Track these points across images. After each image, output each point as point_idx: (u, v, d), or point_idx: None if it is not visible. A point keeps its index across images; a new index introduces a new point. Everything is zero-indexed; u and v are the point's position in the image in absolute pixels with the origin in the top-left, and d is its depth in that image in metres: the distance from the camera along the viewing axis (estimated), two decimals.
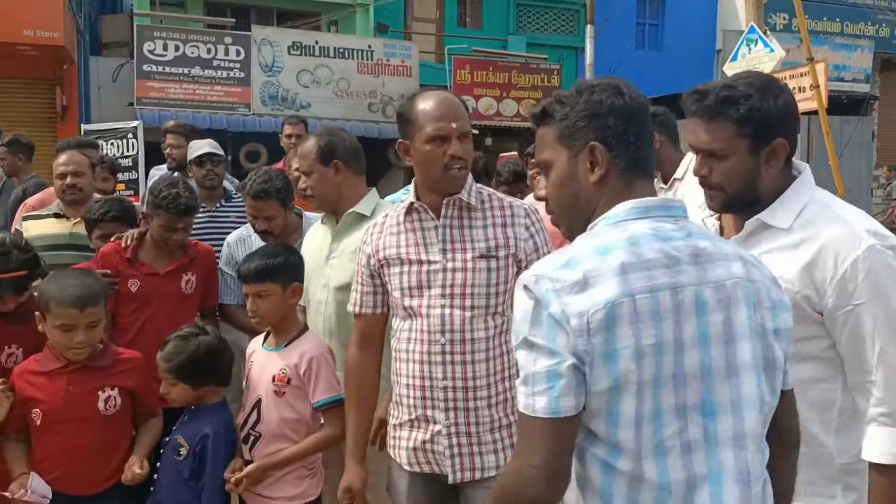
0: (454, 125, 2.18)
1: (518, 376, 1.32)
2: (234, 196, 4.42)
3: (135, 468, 2.53)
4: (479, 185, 2.34)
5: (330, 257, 2.81)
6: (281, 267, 2.60)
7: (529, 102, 13.88)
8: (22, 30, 11.11)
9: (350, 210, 2.83)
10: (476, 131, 12.70)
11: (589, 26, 13.45)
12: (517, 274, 2.20)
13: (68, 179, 3.73)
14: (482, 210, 2.24)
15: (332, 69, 13.04)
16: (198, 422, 2.59)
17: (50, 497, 2.47)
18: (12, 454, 2.55)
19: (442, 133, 2.17)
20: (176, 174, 4.99)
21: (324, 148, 2.84)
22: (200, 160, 4.39)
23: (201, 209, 3.83)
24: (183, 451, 2.53)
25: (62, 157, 3.85)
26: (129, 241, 3.25)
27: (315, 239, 2.97)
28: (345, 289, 2.74)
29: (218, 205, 4.33)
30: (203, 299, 3.41)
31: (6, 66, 11.76)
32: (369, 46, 13.41)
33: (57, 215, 3.78)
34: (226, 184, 4.55)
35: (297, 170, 3.00)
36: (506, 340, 2.22)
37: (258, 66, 12.53)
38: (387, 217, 2.33)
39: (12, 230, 4.07)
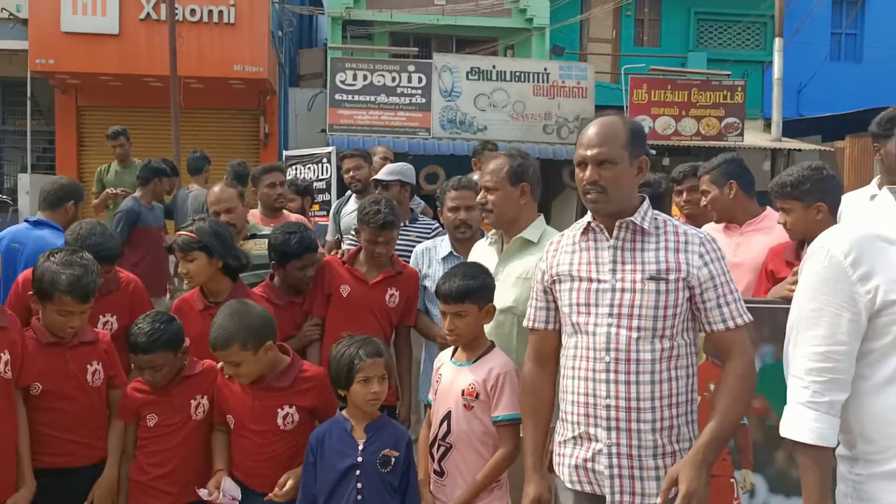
0: (588, 153, 2.25)
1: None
2: (420, 218, 4.71)
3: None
4: (657, 211, 2.34)
5: (495, 279, 2.87)
6: (479, 288, 2.71)
7: (710, 121, 13.40)
8: (233, 65, 12.40)
9: (518, 235, 2.94)
10: (653, 151, 12.45)
11: (777, 39, 12.81)
12: (689, 300, 2.21)
13: (222, 217, 3.80)
14: (655, 235, 2.25)
15: (508, 92, 13.34)
16: (387, 431, 2.69)
17: (239, 498, 2.73)
18: (218, 445, 2.89)
19: (578, 159, 2.28)
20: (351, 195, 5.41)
21: (516, 169, 2.95)
22: (387, 184, 4.71)
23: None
24: (393, 459, 2.63)
25: (215, 193, 3.94)
26: (344, 255, 3.62)
27: (479, 258, 3.07)
28: (505, 312, 2.85)
29: (403, 225, 4.61)
30: (402, 318, 3.61)
31: (218, 99, 13.14)
32: (545, 69, 13.58)
33: None
34: (413, 205, 4.86)
35: (481, 187, 3.05)
36: (675, 366, 2.20)
37: (438, 92, 13.09)
38: (563, 236, 2.42)
39: None
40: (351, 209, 5.29)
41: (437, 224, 4.68)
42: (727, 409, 2.12)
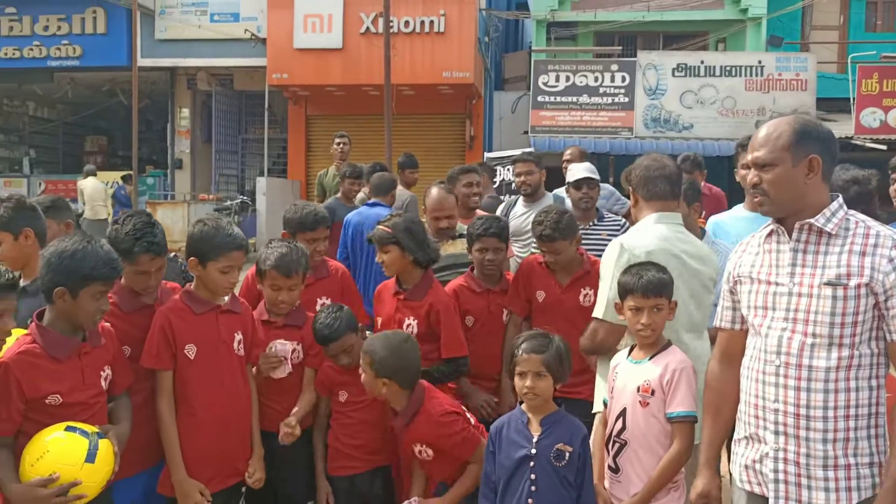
0: (749, 156, 2.24)
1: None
2: (606, 216, 4.77)
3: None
4: (852, 211, 2.22)
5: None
6: (670, 283, 2.72)
7: None
8: (442, 72, 13.07)
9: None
10: (883, 147, 11.33)
11: None
12: (875, 307, 2.10)
13: (442, 223, 4.18)
14: (843, 237, 2.14)
15: (717, 88, 12.79)
16: (563, 426, 2.76)
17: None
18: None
19: (748, 162, 2.27)
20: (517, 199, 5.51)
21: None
22: (578, 183, 4.80)
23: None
24: (567, 454, 2.66)
25: (434, 197, 4.23)
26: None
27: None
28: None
29: (591, 224, 4.69)
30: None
31: (427, 104, 13.90)
32: (759, 61, 12.84)
33: None
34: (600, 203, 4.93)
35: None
36: (856, 376, 2.11)
37: (642, 91, 12.86)
38: (754, 236, 2.38)
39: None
40: (519, 212, 5.38)
41: (625, 221, 4.73)
42: None
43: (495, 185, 9.84)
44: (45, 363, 2.44)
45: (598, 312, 2.95)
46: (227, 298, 3.00)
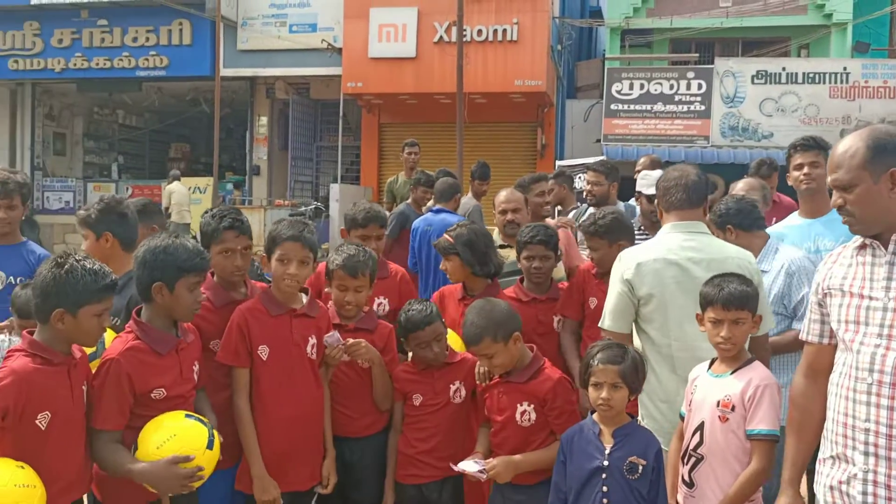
0: (828, 178, 2.20)
1: None
2: None
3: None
4: None
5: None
6: (755, 296, 2.64)
7: None
8: (514, 80, 13.09)
9: None
10: None
11: None
12: None
13: (508, 216, 4.28)
14: None
15: (799, 96, 12.40)
16: (636, 438, 2.73)
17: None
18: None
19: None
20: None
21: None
22: (650, 196, 4.75)
23: (646, 237, 4.19)
24: (640, 467, 2.62)
25: (502, 195, 4.34)
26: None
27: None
28: None
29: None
30: None
31: (498, 113, 13.93)
32: (844, 68, 12.40)
33: (501, 246, 4.24)
34: None
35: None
36: None
37: (719, 98, 12.58)
38: (846, 247, 2.29)
39: None
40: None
41: None
42: None
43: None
44: (149, 358, 2.56)
45: (601, 322, 3.05)
46: (304, 300, 3.06)
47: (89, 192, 16.78)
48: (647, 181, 4.84)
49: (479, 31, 13.21)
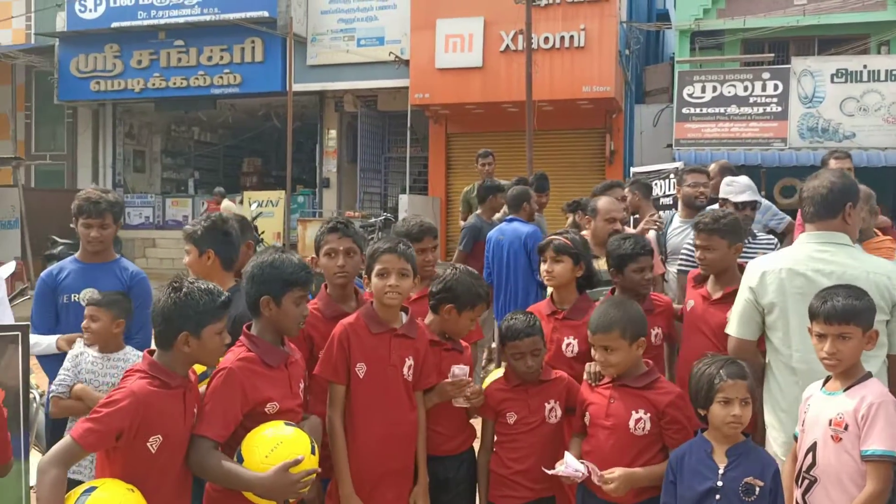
0: None
1: None
2: (759, 235, 4.53)
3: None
4: None
5: None
6: (866, 310, 2.53)
7: None
8: (581, 87, 12.98)
9: None
10: None
11: None
12: None
13: (616, 225, 4.31)
14: None
15: (882, 94, 11.91)
16: (751, 458, 2.63)
17: (582, 473, 2.78)
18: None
19: None
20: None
21: None
22: (742, 205, 4.59)
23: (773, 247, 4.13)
24: (757, 489, 2.53)
25: (607, 203, 4.44)
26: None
27: None
28: None
29: (745, 242, 4.48)
30: None
31: (566, 120, 13.83)
32: None
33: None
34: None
35: None
36: None
37: (797, 99, 12.18)
38: None
39: None
40: (677, 228, 5.14)
41: (776, 239, 4.50)
42: None
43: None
44: (261, 370, 2.57)
45: (727, 328, 3.06)
46: (404, 320, 3.00)
47: (167, 208, 17.40)
48: (734, 188, 4.68)
49: (546, 39, 13.15)
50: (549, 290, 3.59)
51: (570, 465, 2.80)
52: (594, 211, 4.47)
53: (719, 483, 2.55)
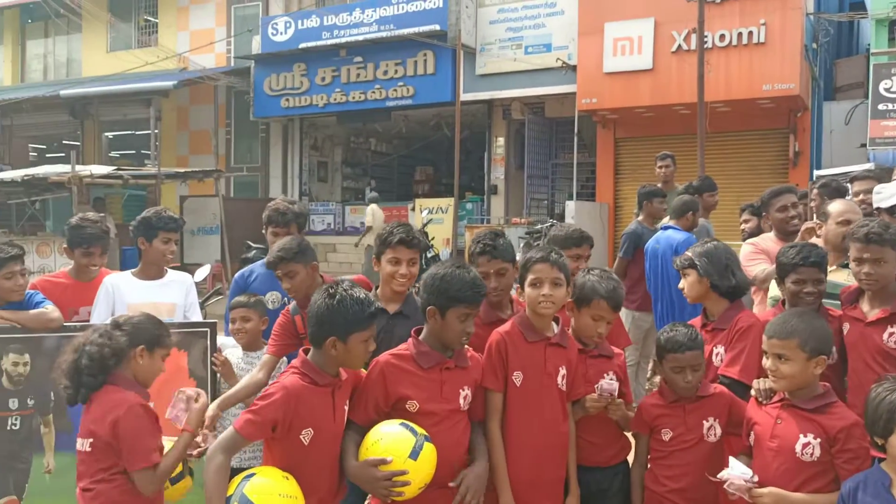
0: None
1: None
2: None
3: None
4: None
5: None
6: None
7: None
8: (761, 85, 12.24)
9: None
10: None
11: None
12: None
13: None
14: None
15: None
16: None
17: (751, 481, 2.65)
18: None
19: None
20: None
21: None
22: (891, 209, 4.25)
23: None
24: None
25: (841, 206, 3.95)
26: None
27: None
28: None
29: None
30: None
31: (743, 121, 13.08)
32: None
33: None
34: None
35: None
36: None
37: None
38: None
39: None
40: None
41: None
42: None
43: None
44: (410, 367, 2.72)
45: None
46: (556, 329, 3.00)
47: (347, 215, 18.46)
48: (882, 195, 4.42)
49: (722, 37, 12.55)
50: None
51: (735, 470, 2.66)
52: (825, 215, 4.23)
53: None
